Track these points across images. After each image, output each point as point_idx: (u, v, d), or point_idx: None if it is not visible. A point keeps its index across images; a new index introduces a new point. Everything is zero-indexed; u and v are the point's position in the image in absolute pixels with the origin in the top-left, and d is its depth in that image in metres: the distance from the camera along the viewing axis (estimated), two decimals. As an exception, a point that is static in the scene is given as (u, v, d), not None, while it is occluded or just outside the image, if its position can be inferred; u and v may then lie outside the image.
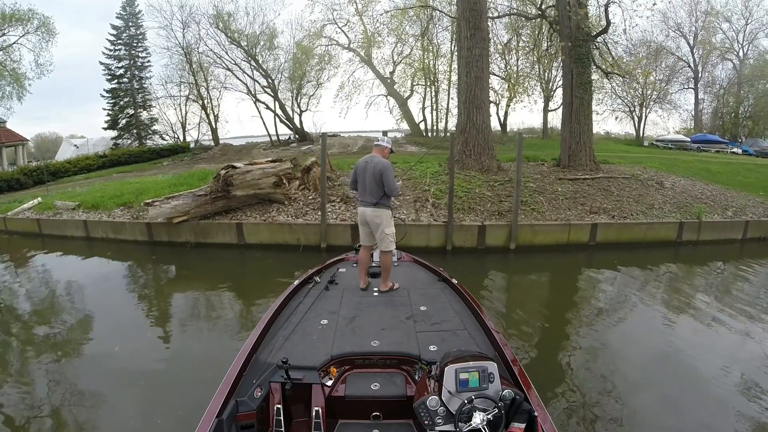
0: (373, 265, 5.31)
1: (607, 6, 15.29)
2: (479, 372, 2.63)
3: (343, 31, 32.78)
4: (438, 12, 26.28)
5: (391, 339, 3.67)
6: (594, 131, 27.55)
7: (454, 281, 4.85)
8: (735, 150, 34.34)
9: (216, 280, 8.78)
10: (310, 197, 11.71)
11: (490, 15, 17.61)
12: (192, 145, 32.93)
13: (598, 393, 4.75)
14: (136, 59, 34.31)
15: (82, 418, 4.41)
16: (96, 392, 4.80)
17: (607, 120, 39.56)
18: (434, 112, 34.05)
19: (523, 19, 19.70)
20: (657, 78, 37.02)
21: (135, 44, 34.13)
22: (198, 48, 30.77)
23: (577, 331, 6.56)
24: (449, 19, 25.59)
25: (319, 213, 10.39)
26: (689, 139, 35.96)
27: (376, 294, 4.74)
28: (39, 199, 14.23)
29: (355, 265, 5.50)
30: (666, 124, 42.72)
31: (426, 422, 2.58)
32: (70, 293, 8.36)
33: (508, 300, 7.93)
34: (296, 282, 4.86)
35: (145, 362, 5.46)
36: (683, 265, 10.40)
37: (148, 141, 34.50)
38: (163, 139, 35.13)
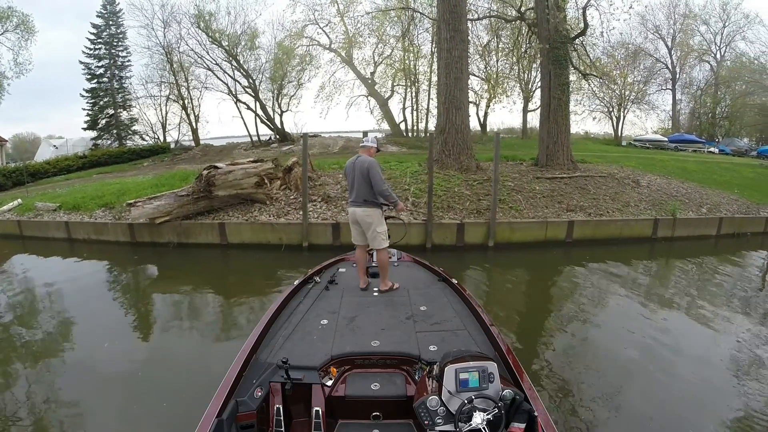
0: (373, 265, 5.37)
1: (584, 9, 15.57)
2: (479, 372, 2.64)
3: (324, 31, 32.83)
4: (418, 14, 26.42)
5: (391, 339, 3.68)
6: (573, 131, 28.00)
7: (454, 281, 4.86)
8: (712, 149, 35.04)
9: (199, 280, 8.82)
10: (292, 197, 11.79)
11: (470, 17, 17.85)
12: (172, 146, 32.59)
13: (596, 391, 4.80)
14: (117, 58, 33.79)
15: (66, 423, 4.37)
16: (82, 394, 4.74)
17: (586, 120, 40.13)
18: (414, 113, 34.17)
19: (503, 21, 19.95)
20: (635, 79, 37.75)
21: (115, 43, 33.62)
22: (179, 47, 30.57)
23: (563, 327, 6.65)
24: (430, 21, 25.75)
25: (301, 212, 10.49)
26: (667, 139, 36.66)
27: (376, 294, 4.74)
28: (19, 200, 14.07)
29: (355, 265, 5.53)
30: (644, 124, 43.73)
31: (426, 422, 2.59)
32: (52, 295, 8.23)
33: (489, 296, 8.06)
34: (296, 282, 4.84)
35: (132, 364, 5.42)
36: (659, 260, 10.80)
37: (128, 141, 34.00)
38: (143, 139, 34.65)
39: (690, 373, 5.17)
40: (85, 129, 34.17)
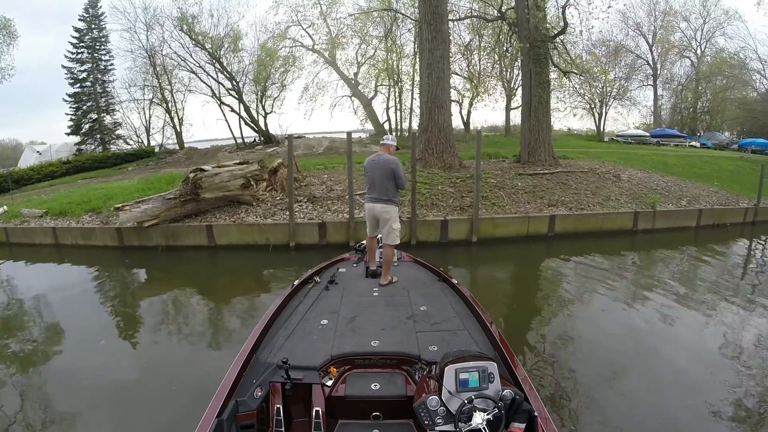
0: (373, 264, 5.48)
1: (564, 8, 15.83)
2: (479, 372, 2.65)
3: (307, 32, 32.79)
4: (401, 14, 26.52)
5: (391, 339, 3.68)
6: (556, 128, 28.26)
7: (454, 281, 4.88)
8: (693, 143, 35.58)
9: (189, 282, 8.89)
10: (278, 198, 11.91)
11: (452, 17, 18.04)
12: (157, 150, 32.39)
13: (590, 387, 4.80)
14: (99, 62, 33.47)
15: (62, 430, 4.36)
16: (75, 400, 4.75)
17: (568, 117, 40.56)
18: (398, 112, 34.15)
19: (484, 20, 20.19)
20: (616, 75, 38.21)
21: (98, 47, 33.20)
22: (162, 50, 30.35)
23: (549, 321, 6.76)
24: (412, 21, 25.87)
25: (287, 213, 10.62)
26: (648, 134, 37.18)
27: (376, 294, 4.75)
28: (4, 207, 13.96)
29: (355, 265, 5.68)
30: (626, 119, 44.21)
31: (426, 422, 2.59)
32: (41, 302, 8.15)
33: (474, 291, 8.06)
34: (296, 282, 4.84)
35: (125, 368, 5.43)
36: (639, 252, 11.07)
37: (112, 146, 33.70)
38: (128, 143, 34.29)
39: (680, 367, 5.26)
40: (68, 134, 33.86)
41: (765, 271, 9.87)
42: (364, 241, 5.90)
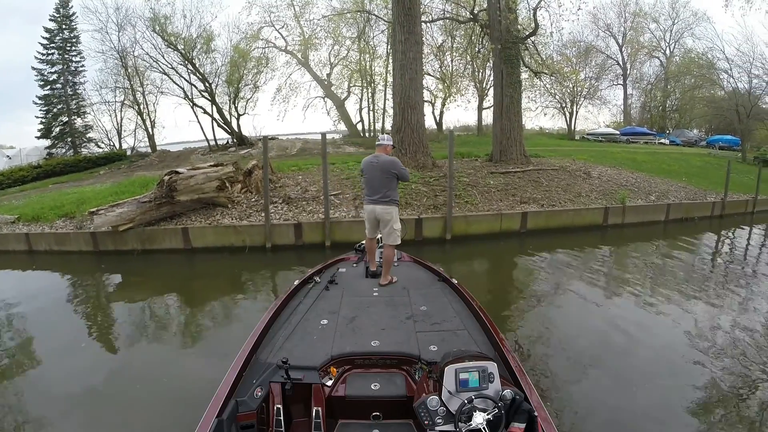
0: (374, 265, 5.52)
1: (535, 10, 16.18)
2: (479, 372, 2.68)
3: (280, 33, 32.66)
4: (374, 16, 26.60)
5: (391, 339, 3.68)
6: (528, 127, 28.62)
7: (454, 281, 4.89)
8: (663, 141, 36.58)
9: (167, 286, 8.80)
10: (253, 199, 11.94)
11: (424, 19, 18.26)
12: (128, 153, 31.85)
13: (596, 389, 4.80)
14: (70, 64, 32.75)
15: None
16: (51, 411, 4.56)
17: (540, 116, 41.28)
18: (371, 113, 34.25)
19: (457, 22, 20.46)
20: (587, 75, 39.00)
21: (69, 48, 32.49)
22: (134, 51, 29.68)
23: (525, 317, 6.83)
24: (385, 23, 25.98)
25: (263, 214, 10.65)
26: (619, 132, 38.02)
27: (376, 294, 4.76)
28: (-26, 213, 13.74)
29: (355, 265, 5.70)
30: (596, 118, 45.25)
31: (426, 422, 2.62)
32: (15, 311, 7.84)
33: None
34: (296, 282, 4.86)
35: (103, 375, 5.30)
36: (610, 246, 11.47)
37: (83, 149, 32.98)
38: (99, 147, 33.47)
39: (668, 362, 5.33)
40: (38, 137, 33.08)
41: (733, 263, 10.35)
42: (363, 242, 5.92)
